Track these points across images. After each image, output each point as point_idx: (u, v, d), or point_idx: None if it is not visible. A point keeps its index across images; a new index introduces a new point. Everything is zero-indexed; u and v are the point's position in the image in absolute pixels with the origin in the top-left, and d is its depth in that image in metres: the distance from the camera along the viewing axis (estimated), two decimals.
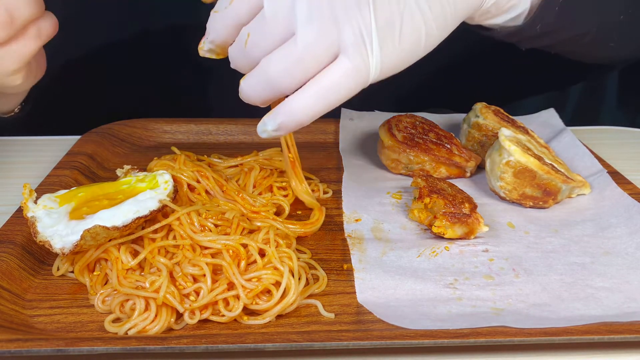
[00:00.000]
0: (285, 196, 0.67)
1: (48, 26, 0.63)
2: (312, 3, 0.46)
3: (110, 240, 0.52)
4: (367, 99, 0.89)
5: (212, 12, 0.52)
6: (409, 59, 0.51)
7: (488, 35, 0.69)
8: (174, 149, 0.70)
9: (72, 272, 0.53)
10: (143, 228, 0.54)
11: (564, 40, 0.74)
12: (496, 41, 0.70)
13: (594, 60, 0.86)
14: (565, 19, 0.68)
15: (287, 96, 0.50)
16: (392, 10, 0.48)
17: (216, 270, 0.51)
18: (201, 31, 0.55)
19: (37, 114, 0.80)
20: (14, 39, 0.60)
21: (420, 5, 0.49)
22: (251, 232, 0.56)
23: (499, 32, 0.67)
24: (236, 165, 0.71)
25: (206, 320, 0.49)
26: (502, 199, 0.67)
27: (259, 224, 0.58)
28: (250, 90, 0.51)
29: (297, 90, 0.49)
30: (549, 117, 0.86)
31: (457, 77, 1.00)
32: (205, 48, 0.54)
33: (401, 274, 0.54)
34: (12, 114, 0.78)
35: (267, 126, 0.51)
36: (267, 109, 0.53)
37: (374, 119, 0.86)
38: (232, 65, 0.53)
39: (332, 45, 0.47)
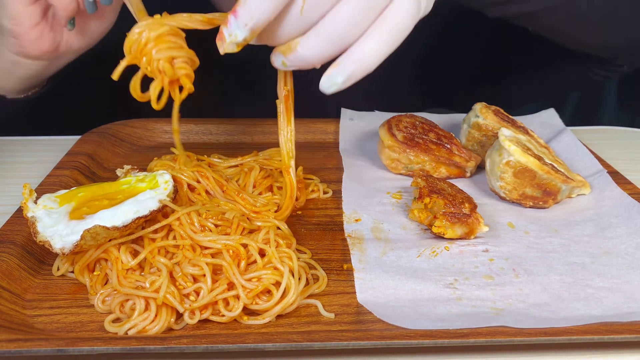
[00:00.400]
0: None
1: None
2: None
3: (110, 240, 0.52)
4: (367, 99, 0.90)
5: None
6: None
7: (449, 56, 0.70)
8: (174, 149, 0.70)
9: (72, 272, 0.53)
10: (143, 228, 0.54)
11: (533, 13, 0.74)
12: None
13: (579, 46, 0.86)
14: None
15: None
16: None
17: (216, 270, 0.51)
18: (202, 30, 0.55)
19: (37, 114, 0.81)
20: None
21: None
22: (251, 232, 0.56)
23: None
24: (236, 165, 0.71)
25: (206, 320, 0.49)
26: (502, 199, 0.67)
27: (259, 223, 0.58)
28: (312, 51, 0.50)
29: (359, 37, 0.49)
30: (549, 117, 0.86)
31: (457, 77, 1.00)
32: (240, 38, 0.49)
33: (401, 274, 0.54)
34: (28, 94, 0.79)
35: (336, 79, 0.50)
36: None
37: (374, 119, 0.86)
38: (284, 35, 0.51)
39: None
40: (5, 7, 0.68)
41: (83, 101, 0.95)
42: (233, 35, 0.49)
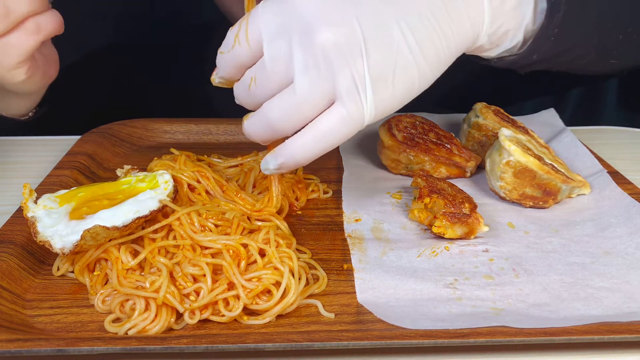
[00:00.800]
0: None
1: (49, 22, 0.63)
2: (307, 53, 0.48)
3: (110, 240, 0.52)
4: None
5: (218, 51, 0.55)
6: (402, 101, 0.53)
7: (486, 65, 0.69)
8: (174, 150, 0.70)
9: (72, 272, 0.53)
10: (143, 228, 0.54)
11: (563, 63, 0.74)
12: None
13: (596, 74, 0.86)
14: (562, 46, 0.67)
15: (286, 137, 0.53)
16: (384, 58, 0.49)
17: (216, 270, 0.51)
18: (202, 31, 0.55)
19: (37, 114, 0.81)
20: (10, 32, 0.60)
21: (413, 50, 0.50)
22: (251, 232, 0.56)
23: (495, 63, 0.67)
24: (236, 165, 0.71)
25: (206, 320, 0.49)
26: (502, 199, 0.67)
27: (259, 223, 0.58)
28: (252, 130, 0.54)
29: (296, 132, 0.52)
30: (549, 117, 0.86)
31: (457, 77, 1.00)
32: (216, 81, 0.57)
33: (401, 274, 0.54)
34: (28, 117, 0.79)
35: (269, 164, 0.54)
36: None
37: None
38: (237, 102, 0.55)
39: (327, 93, 0.49)
40: (19, 88, 0.68)
41: (83, 101, 0.95)
42: (214, 75, 0.57)
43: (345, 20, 0.48)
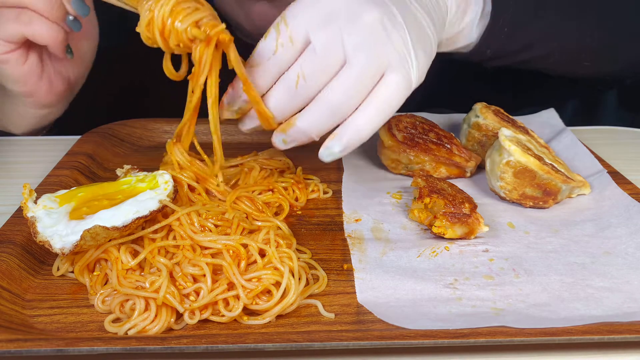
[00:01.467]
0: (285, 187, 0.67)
1: (44, 29, 0.65)
2: (358, 31, 0.52)
3: (110, 241, 0.52)
4: None
5: (247, 68, 0.56)
6: (429, 63, 0.59)
7: (450, 57, 0.77)
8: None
9: (72, 272, 0.53)
10: (143, 228, 0.54)
11: (526, 61, 0.81)
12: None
13: (581, 76, 0.89)
14: (516, 44, 0.76)
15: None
16: (416, 28, 0.56)
17: (216, 271, 0.51)
18: None
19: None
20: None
21: (427, 23, 0.59)
22: (251, 232, 0.56)
23: (457, 55, 0.76)
24: (236, 165, 0.71)
25: (206, 320, 0.49)
26: (502, 199, 0.67)
27: (259, 223, 0.58)
28: (311, 124, 0.55)
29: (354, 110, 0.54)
30: (549, 117, 0.86)
31: (457, 77, 1.00)
32: (236, 107, 0.58)
33: (401, 274, 0.54)
34: (44, 132, 0.82)
35: (333, 149, 0.56)
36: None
37: None
38: (274, 116, 0.57)
39: (381, 64, 0.53)
40: (5, 75, 0.69)
41: (83, 101, 0.95)
42: (227, 104, 0.59)
43: (381, 2, 0.54)
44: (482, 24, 0.72)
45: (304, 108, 0.56)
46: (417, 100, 0.65)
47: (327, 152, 0.56)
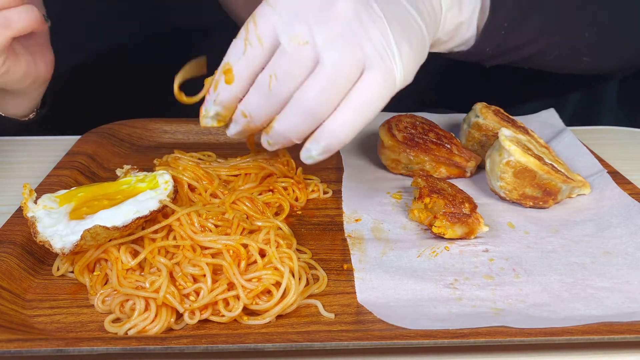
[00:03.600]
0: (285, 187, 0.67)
1: (22, 18, 0.62)
2: (329, 26, 0.48)
3: (110, 241, 0.52)
4: None
5: (217, 72, 0.53)
6: (420, 60, 0.54)
7: (449, 57, 0.73)
8: (177, 151, 0.70)
9: (72, 272, 0.53)
10: (143, 228, 0.54)
11: (526, 58, 0.77)
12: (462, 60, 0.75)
13: (579, 72, 0.88)
14: (516, 40, 0.72)
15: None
16: (398, 18, 0.51)
17: (216, 271, 0.51)
18: (202, 32, 0.55)
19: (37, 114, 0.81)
20: None
21: (414, 15, 0.53)
22: (251, 232, 0.56)
23: (455, 55, 0.71)
24: (238, 175, 0.69)
25: (206, 321, 0.49)
26: (502, 199, 0.67)
27: (259, 223, 0.58)
28: (288, 127, 0.52)
29: (332, 113, 0.51)
30: (549, 117, 0.86)
31: (457, 77, 1.00)
32: (212, 113, 0.54)
33: (401, 274, 0.54)
34: (28, 118, 0.79)
35: (311, 152, 0.53)
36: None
37: (374, 119, 0.86)
38: (248, 124, 0.54)
39: (357, 61, 0.49)
40: (11, 81, 0.68)
41: (83, 101, 0.95)
42: (205, 110, 0.55)
43: None
44: (480, 19, 0.69)
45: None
46: (417, 100, 0.64)
47: (307, 155, 0.53)
